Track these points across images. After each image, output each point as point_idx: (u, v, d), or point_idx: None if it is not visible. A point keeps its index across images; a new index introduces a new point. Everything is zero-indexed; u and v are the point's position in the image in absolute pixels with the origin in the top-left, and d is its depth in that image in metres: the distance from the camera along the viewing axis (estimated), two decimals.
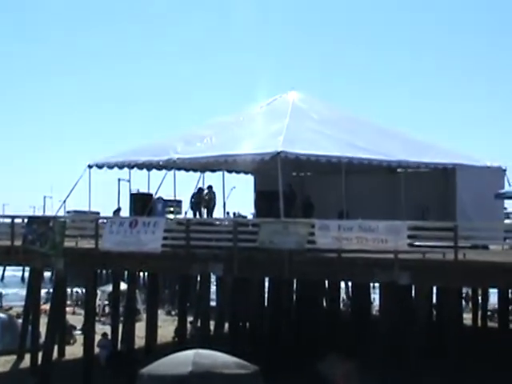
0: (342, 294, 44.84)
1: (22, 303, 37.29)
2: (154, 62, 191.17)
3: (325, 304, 37.20)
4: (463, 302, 41.64)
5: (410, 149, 30.20)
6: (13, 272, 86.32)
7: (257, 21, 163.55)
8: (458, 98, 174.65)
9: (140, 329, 32.62)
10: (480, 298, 40.93)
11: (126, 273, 34.15)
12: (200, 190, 32.21)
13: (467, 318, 39.10)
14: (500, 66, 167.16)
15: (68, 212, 36.27)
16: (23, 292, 39.76)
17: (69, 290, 47.03)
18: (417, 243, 23.55)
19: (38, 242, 27.95)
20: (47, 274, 39.95)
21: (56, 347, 31.23)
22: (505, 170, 31.85)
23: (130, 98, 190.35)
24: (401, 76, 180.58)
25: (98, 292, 40.31)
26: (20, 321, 35.60)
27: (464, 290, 43.62)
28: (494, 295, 41.64)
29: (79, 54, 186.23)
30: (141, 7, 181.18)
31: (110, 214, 31.76)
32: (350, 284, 42.44)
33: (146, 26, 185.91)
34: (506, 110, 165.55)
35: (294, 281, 33.23)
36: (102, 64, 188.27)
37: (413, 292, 26.59)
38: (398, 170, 29.33)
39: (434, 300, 33.49)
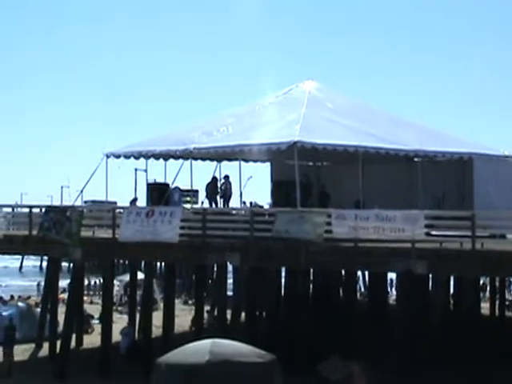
0: (359, 284, 44.78)
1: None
2: (169, 53, 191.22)
3: (341, 293, 37.18)
4: (480, 292, 41.42)
5: (427, 138, 30.04)
6: (27, 262, 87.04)
7: (265, 12, 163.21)
8: (475, 91, 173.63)
9: (157, 318, 32.72)
10: (498, 287, 40.74)
11: (143, 262, 34.30)
12: (214, 179, 32.18)
13: (485, 307, 38.94)
14: None
15: (85, 202, 36.41)
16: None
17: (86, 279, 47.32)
18: (434, 232, 23.47)
19: (54, 229, 28.12)
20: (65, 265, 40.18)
21: (74, 336, 31.43)
22: None
23: (148, 88, 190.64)
24: (414, 67, 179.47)
25: (116, 282, 40.48)
26: (38, 310, 35.82)
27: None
28: None
29: (97, 45, 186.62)
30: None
31: (127, 204, 31.85)
32: (366, 273, 42.40)
33: (160, 18, 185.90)
34: None
35: (311, 270, 33.23)
36: (119, 55, 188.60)
37: (430, 281, 26.58)
38: (415, 159, 29.21)
39: (452, 289, 33.39)
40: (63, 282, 40.13)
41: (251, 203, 34.13)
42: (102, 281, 36.82)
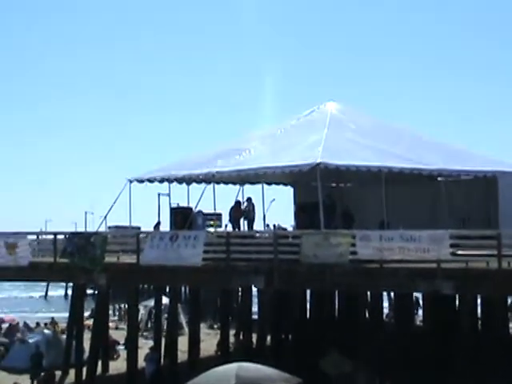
0: (385, 305, 44.42)
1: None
2: (192, 77, 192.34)
3: (367, 315, 36.90)
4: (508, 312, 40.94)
5: (450, 157, 29.91)
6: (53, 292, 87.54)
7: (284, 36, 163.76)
8: (500, 109, 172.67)
9: (183, 343, 32.66)
10: None
11: (167, 287, 34.28)
12: (237, 202, 32.22)
13: None
14: None
15: (109, 227, 36.52)
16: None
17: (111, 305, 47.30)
18: (459, 252, 23.29)
19: (78, 255, 28.27)
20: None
21: (100, 362, 31.39)
22: None
23: (169, 113, 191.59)
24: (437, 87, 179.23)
25: (141, 307, 40.45)
26: (64, 336, 35.85)
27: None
28: None
29: (115, 70, 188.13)
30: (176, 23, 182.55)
31: (151, 229, 31.90)
32: (392, 295, 42.08)
33: (178, 45, 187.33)
34: None
35: (336, 292, 33.04)
36: (137, 80, 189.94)
37: (457, 301, 26.34)
38: (439, 178, 29.06)
39: (479, 309, 33.05)
40: (88, 309, 40.26)
41: (274, 226, 34.07)
42: (126, 306, 36.82)
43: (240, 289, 30.34)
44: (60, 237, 30.37)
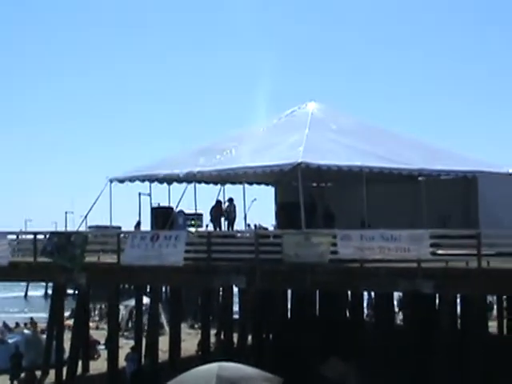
0: (365, 304, 44.54)
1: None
2: (177, 76, 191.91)
3: (348, 314, 37.01)
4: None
5: (431, 157, 30.06)
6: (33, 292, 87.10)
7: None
8: (480, 108, 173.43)
9: (163, 343, 32.59)
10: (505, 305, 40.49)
11: (148, 287, 34.22)
12: (218, 202, 32.22)
13: (492, 326, 38.70)
14: None
15: (90, 227, 36.43)
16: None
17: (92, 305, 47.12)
18: (439, 252, 23.41)
19: (57, 253, 28.21)
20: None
21: (80, 362, 31.29)
22: None
23: (150, 111, 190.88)
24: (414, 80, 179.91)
25: (121, 307, 40.33)
26: (44, 336, 35.69)
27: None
28: None
29: (97, 71, 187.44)
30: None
31: (132, 229, 31.83)
32: (372, 294, 42.24)
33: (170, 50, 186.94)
34: None
35: (317, 291, 33.11)
36: (118, 78, 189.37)
37: (437, 301, 26.46)
38: (419, 178, 29.19)
39: (459, 308, 33.24)
40: (69, 309, 40.08)
41: (256, 225, 34.08)
42: (107, 306, 36.73)
43: (221, 288, 30.30)
44: (40, 237, 30.27)
